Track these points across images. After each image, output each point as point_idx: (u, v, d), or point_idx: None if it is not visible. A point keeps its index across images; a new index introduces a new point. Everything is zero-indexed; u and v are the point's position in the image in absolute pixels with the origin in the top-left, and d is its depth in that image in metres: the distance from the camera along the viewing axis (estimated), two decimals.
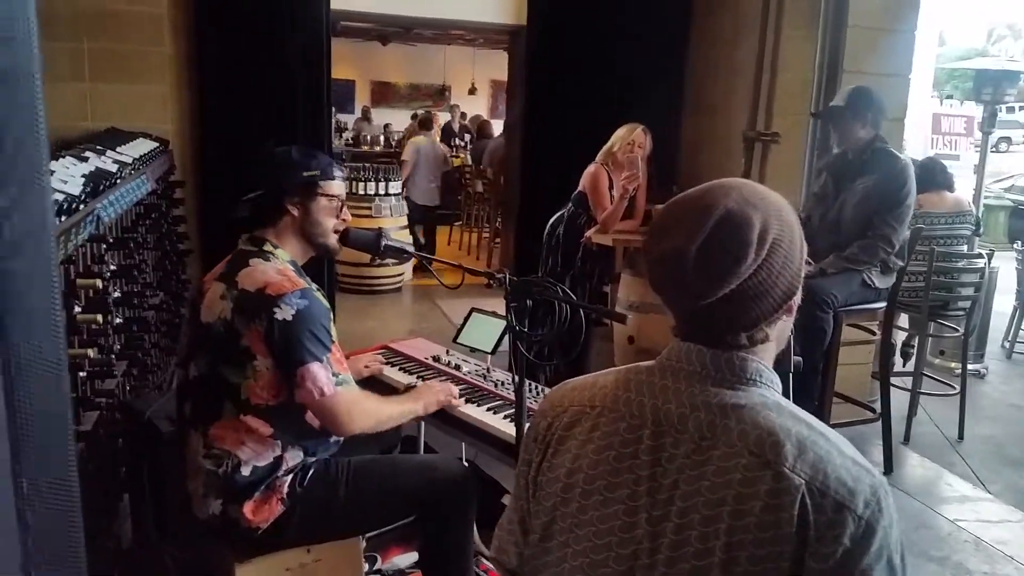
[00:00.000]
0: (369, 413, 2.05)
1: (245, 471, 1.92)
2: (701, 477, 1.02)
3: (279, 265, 1.99)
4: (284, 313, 1.87)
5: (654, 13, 5.18)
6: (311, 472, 2.01)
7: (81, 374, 2.12)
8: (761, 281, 1.07)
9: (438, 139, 9.01)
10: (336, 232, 2.13)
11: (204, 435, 1.95)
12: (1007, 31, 34.77)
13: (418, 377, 2.56)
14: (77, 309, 2.06)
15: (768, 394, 1.08)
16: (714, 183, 1.12)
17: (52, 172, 2.22)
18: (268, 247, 2.03)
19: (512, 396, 2.24)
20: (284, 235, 2.07)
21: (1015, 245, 6.26)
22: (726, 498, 1.00)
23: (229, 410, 1.93)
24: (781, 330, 1.13)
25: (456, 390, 2.36)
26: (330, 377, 1.92)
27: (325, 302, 2.00)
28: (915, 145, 7.69)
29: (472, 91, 15.67)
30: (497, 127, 10.67)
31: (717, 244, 1.05)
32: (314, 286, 2.00)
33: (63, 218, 1.96)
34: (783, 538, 0.97)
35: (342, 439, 2.11)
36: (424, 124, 8.94)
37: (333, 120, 7.49)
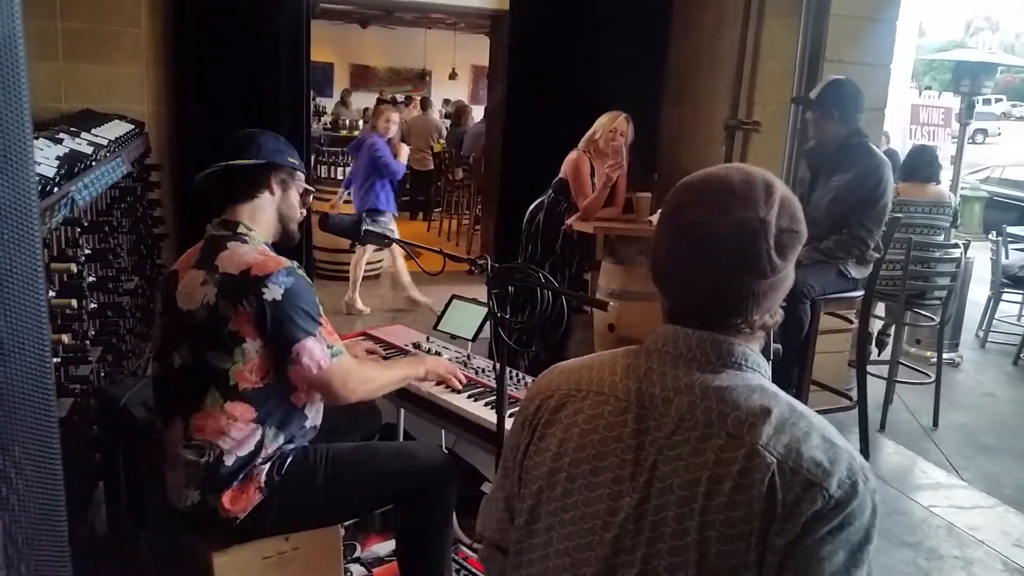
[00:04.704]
0: (367, 379, 2.06)
1: (228, 461, 1.90)
2: (678, 458, 1.02)
3: (258, 247, 1.97)
4: (273, 293, 1.85)
5: (636, 1, 5.17)
6: (289, 460, 1.98)
7: (55, 360, 2.09)
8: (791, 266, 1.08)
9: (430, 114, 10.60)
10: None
11: (185, 426, 1.92)
12: (985, 23, 35.19)
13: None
14: (51, 293, 2.03)
15: (753, 377, 1.07)
16: (726, 165, 1.11)
17: None
18: (243, 229, 2.00)
19: (492, 383, 2.24)
20: (259, 214, 2.05)
21: (990, 236, 6.33)
22: (700, 478, 1.00)
23: (213, 398, 1.89)
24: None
25: (460, 372, 2.37)
26: (325, 350, 1.92)
27: (307, 278, 1.98)
28: (894, 136, 7.74)
29: (452, 76, 15.55)
30: (478, 113, 10.61)
31: (788, 218, 1.06)
32: (294, 264, 1.98)
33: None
34: (751, 516, 0.96)
35: (319, 424, 2.10)
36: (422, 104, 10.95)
37: (312, 104, 7.43)
